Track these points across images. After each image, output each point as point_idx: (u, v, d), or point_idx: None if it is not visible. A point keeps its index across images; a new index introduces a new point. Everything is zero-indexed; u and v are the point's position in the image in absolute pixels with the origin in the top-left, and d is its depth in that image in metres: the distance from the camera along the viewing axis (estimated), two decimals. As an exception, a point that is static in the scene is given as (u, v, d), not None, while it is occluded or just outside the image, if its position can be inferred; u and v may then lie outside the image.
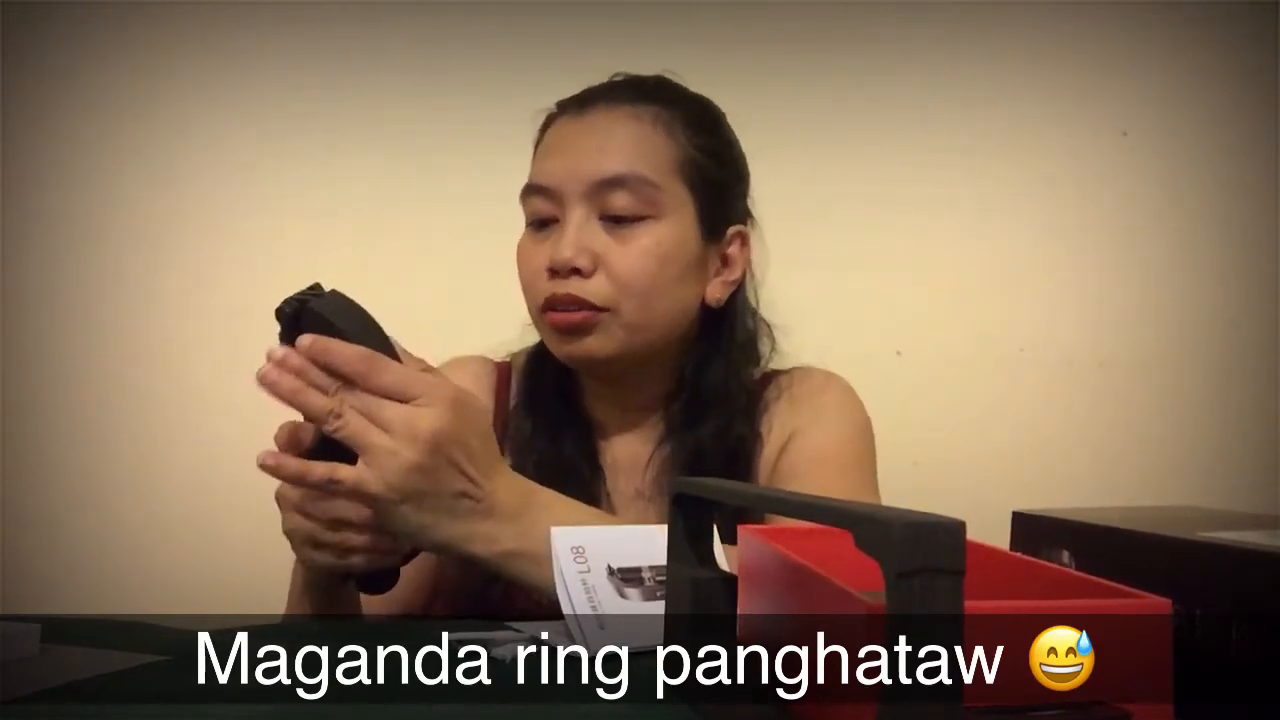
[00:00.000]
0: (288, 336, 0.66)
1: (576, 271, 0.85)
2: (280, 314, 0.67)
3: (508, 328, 1.00)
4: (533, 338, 0.98)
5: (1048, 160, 1.48)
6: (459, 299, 1.39)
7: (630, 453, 0.94)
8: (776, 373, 0.98)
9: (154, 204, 1.46)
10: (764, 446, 0.92)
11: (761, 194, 0.99)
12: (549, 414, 0.93)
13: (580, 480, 0.90)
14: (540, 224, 0.89)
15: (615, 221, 0.87)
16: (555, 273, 0.86)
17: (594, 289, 0.86)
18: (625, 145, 0.88)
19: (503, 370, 1.00)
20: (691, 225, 0.90)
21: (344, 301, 0.68)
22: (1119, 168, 1.48)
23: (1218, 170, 1.47)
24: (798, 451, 0.91)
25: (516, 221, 0.96)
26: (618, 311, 0.86)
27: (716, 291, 0.93)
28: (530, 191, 0.90)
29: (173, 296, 1.45)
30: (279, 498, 0.70)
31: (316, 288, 0.68)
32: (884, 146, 1.47)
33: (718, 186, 0.92)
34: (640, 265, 0.86)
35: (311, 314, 0.66)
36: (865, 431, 0.96)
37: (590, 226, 0.87)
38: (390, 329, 0.70)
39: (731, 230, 0.94)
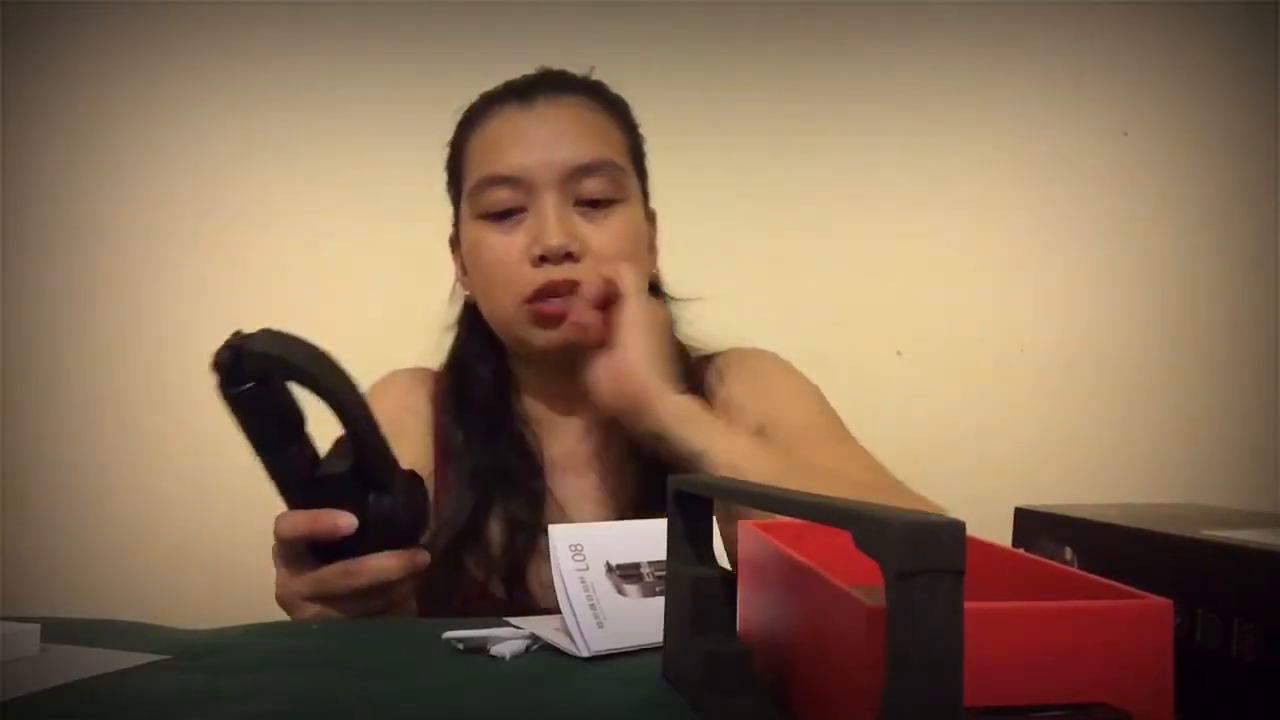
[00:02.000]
0: (230, 384, 0.63)
1: (568, 256, 0.86)
2: (219, 365, 0.62)
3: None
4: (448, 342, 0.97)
5: (1048, 160, 1.48)
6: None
7: (569, 446, 0.94)
8: (708, 356, 0.98)
9: (153, 204, 1.46)
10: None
11: (763, 194, 0.99)
12: (480, 417, 0.93)
13: (519, 480, 0.90)
14: (501, 216, 0.88)
15: (589, 206, 0.88)
16: (545, 260, 0.85)
17: (584, 271, 0.86)
18: (591, 132, 0.90)
19: (439, 378, 0.99)
20: (640, 207, 0.93)
21: (282, 335, 0.64)
22: (1119, 168, 1.48)
23: (1218, 170, 1.47)
24: (787, 433, 0.90)
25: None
26: None
27: (653, 268, 0.97)
28: (492, 183, 0.88)
29: (173, 297, 1.45)
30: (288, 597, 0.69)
31: (238, 334, 0.63)
32: (884, 147, 1.47)
33: (644, 169, 0.97)
34: (619, 246, 0.88)
35: (254, 354, 0.62)
36: (824, 397, 0.97)
37: (568, 211, 0.87)
38: (397, 327, 0.69)
39: (651, 211, 0.98)
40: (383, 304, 1.40)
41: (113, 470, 1.43)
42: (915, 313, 1.46)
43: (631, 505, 0.89)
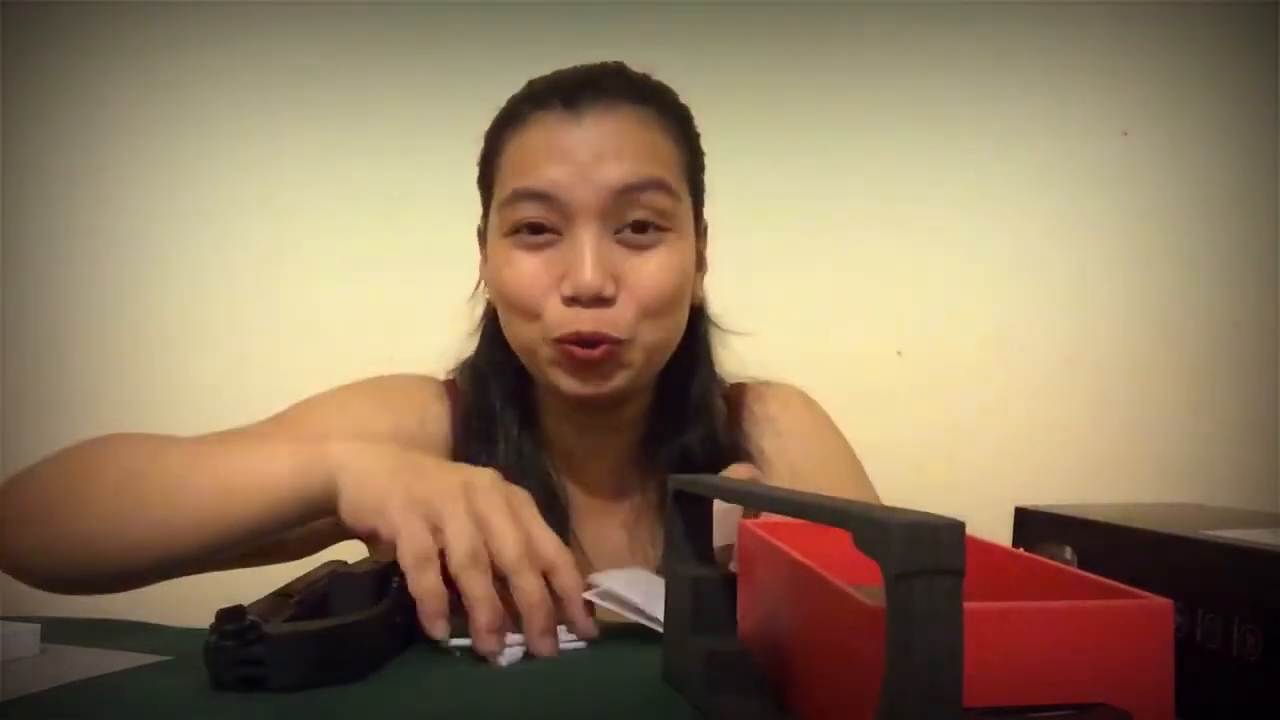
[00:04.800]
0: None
1: (601, 300, 0.76)
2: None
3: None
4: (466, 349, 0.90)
5: (1048, 160, 1.48)
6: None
7: (596, 480, 0.87)
8: (739, 386, 0.92)
9: (152, 204, 1.46)
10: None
11: (762, 194, 0.98)
12: (501, 446, 0.83)
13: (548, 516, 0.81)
14: (531, 231, 0.78)
15: (633, 232, 0.78)
16: (575, 300, 0.76)
17: (616, 318, 0.76)
18: (641, 151, 0.78)
19: (452, 390, 0.88)
20: (691, 229, 0.83)
21: (303, 656, 0.50)
22: (1119, 168, 1.48)
23: (1218, 170, 1.47)
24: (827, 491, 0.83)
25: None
26: (635, 338, 0.78)
27: (699, 290, 0.87)
28: (525, 197, 0.77)
29: (172, 297, 1.45)
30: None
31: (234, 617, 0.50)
32: (884, 147, 1.47)
33: (701, 185, 0.86)
34: (663, 284, 0.78)
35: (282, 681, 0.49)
36: (853, 455, 0.93)
37: (606, 244, 0.77)
38: (399, 324, 0.69)
39: (704, 225, 0.87)
40: (385, 302, 1.40)
41: (113, 470, 1.43)
42: (915, 313, 1.46)
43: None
